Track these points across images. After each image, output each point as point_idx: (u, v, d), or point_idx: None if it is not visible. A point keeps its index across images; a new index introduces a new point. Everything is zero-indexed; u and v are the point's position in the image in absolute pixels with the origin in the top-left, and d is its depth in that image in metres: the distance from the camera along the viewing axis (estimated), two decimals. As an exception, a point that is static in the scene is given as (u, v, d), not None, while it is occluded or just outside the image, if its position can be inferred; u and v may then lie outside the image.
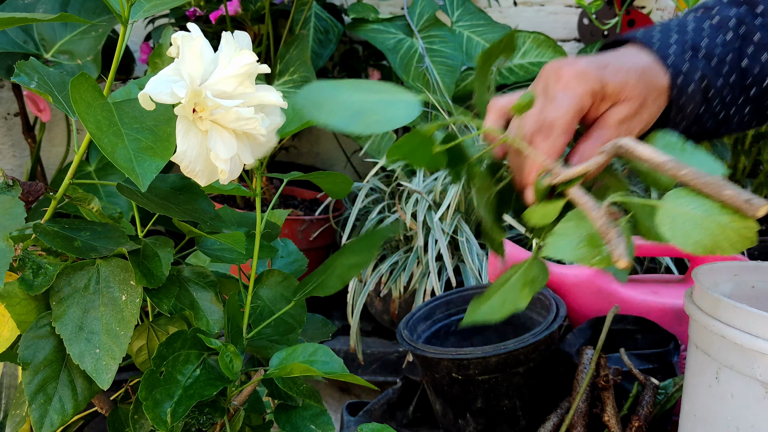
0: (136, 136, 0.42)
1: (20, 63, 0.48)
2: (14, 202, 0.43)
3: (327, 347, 0.52)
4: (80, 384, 0.50)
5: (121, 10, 0.46)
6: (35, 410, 0.48)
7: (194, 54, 0.42)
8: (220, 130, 0.44)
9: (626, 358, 0.79)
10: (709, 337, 0.59)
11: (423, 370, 0.83)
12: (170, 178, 0.54)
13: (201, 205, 0.54)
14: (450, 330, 0.93)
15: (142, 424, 0.52)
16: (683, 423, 0.65)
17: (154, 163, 0.42)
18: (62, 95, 0.49)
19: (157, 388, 0.48)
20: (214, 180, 0.45)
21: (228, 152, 0.44)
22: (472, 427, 0.81)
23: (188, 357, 0.50)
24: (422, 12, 1.50)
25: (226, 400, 0.53)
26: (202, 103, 0.42)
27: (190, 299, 0.54)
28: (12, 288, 0.49)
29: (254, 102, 0.45)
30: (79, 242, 0.49)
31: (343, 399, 1.35)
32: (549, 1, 1.70)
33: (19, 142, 1.58)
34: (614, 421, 0.74)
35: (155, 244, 0.53)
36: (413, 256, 1.13)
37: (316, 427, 0.58)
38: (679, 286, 0.95)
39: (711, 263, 0.67)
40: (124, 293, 0.49)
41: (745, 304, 0.55)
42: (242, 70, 0.44)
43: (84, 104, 0.42)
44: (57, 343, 0.49)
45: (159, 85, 0.42)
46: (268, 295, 0.62)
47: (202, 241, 0.59)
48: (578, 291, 0.95)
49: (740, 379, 0.56)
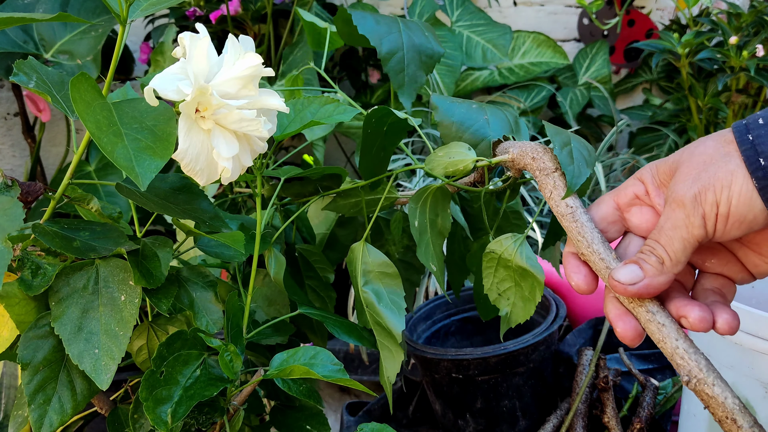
0: (135, 135, 0.42)
1: (19, 62, 0.48)
2: (13, 203, 0.43)
3: (327, 350, 0.52)
4: (79, 384, 0.50)
5: (119, 9, 0.46)
6: (34, 410, 0.48)
7: (201, 54, 0.42)
8: (222, 131, 0.44)
9: (626, 358, 0.79)
10: (709, 337, 0.59)
11: (423, 371, 0.83)
12: (170, 178, 0.54)
13: (200, 204, 0.54)
14: (450, 330, 0.93)
15: (142, 423, 0.52)
16: (683, 423, 0.65)
17: (153, 162, 0.42)
18: (61, 95, 0.49)
19: (157, 389, 0.48)
20: (213, 180, 0.45)
21: (230, 152, 0.44)
22: (471, 428, 0.81)
23: (188, 357, 0.50)
24: (422, 12, 1.50)
25: (225, 400, 0.53)
26: (207, 102, 0.42)
27: (189, 299, 0.54)
28: (11, 288, 0.49)
29: (257, 105, 0.45)
30: (78, 242, 0.49)
31: (343, 399, 1.35)
32: (549, 1, 1.70)
33: (18, 142, 1.58)
34: (614, 422, 0.74)
35: (154, 244, 0.53)
36: (413, 256, 1.13)
37: (311, 428, 0.58)
38: (679, 287, 0.95)
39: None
40: (123, 293, 0.49)
41: (745, 305, 0.55)
42: (247, 72, 0.44)
43: (84, 104, 0.42)
44: (56, 343, 0.49)
45: (165, 82, 0.42)
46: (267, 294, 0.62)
47: (200, 240, 0.59)
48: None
49: (740, 379, 0.56)
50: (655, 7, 1.66)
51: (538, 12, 1.71)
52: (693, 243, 0.40)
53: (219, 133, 0.44)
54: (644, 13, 1.64)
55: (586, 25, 1.69)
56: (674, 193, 0.41)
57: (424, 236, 0.54)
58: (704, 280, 0.44)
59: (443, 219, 0.55)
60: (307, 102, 0.58)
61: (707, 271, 0.45)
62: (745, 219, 0.39)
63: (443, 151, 0.52)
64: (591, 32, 1.69)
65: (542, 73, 1.60)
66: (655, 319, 0.40)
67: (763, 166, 0.37)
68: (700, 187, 0.39)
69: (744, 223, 0.39)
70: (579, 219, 0.44)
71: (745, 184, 0.38)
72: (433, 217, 0.55)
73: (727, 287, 0.44)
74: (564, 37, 1.72)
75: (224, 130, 0.44)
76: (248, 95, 0.45)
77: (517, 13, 1.70)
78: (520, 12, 1.71)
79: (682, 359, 0.40)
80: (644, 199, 0.44)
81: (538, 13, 1.71)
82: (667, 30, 1.48)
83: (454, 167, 0.51)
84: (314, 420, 0.58)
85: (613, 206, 0.45)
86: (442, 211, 0.55)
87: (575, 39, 1.72)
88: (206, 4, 1.35)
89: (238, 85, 0.44)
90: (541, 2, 1.71)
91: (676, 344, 0.40)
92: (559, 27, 1.71)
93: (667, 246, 0.41)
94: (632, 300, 0.41)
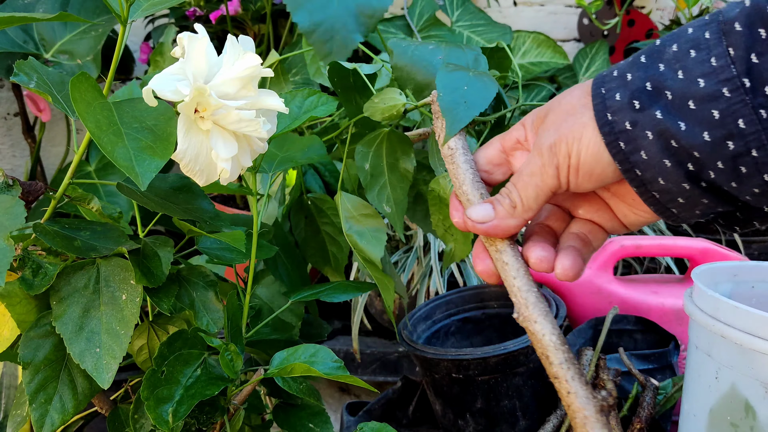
0: (135, 135, 0.42)
1: (19, 63, 0.48)
2: (14, 202, 0.43)
3: (327, 348, 0.52)
4: (80, 383, 0.50)
5: (120, 9, 0.46)
6: (36, 410, 0.48)
7: (200, 54, 0.42)
8: (221, 131, 0.44)
9: (626, 358, 0.79)
10: (709, 338, 0.59)
11: (423, 371, 0.83)
12: (170, 178, 0.54)
13: (201, 204, 0.54)
14: (450, 330, 0.93)
15: (143, 423, 0.52)
16: (683, 423, 0.65)
17: (153, 162, 0.42)
18: (62, 95, 0.49)
19: (159, 388, 0.48)
20: (212, 180, 0.45)
21: (229, 152, 0.44)
22: (471, 428, 0.81)
23: (189, 357, 0.50)
24: (422, 12, 1.50)
25: (226, 400, 0.53)
26: (205, 102, 0.42)
27: (190, 299, 0.54)
28: (12, 287, 0.49)
29: (257, 105, 0.45)
30: (79, 242, 0.49)
31: (343, 399, 1.35)
32: (549, 1, 1.70)
33: (18, 142, 1.58)
34: (614, 422, 0.74)
35: (155, 243, 0.53)
36: (413, 255, 1.13)
37: (314, 426, 0.58)
38: (679, 286, 0.95)
39: (711, 263, 0.67)
40: (124, 292, 0.49)
41: (745, 305, 0.55)
42: (246, 72, 0.44)
43: (84, 104, 0.42)
44: (57, 342, 0.49)
45: (163, 82, 0.42)
46: (266, 294, 0.63)
47: (202, 241, 0.59)
48: (578, 291, 0.95)
49: (740, 380, 0.56)
50: (655, 7, 1.66)
51: (538, 12, 1.71)
52: (546, 192, 0.41)
53: (218, 134, 0.44)
54: (644, 13, 1.64)
55: (586, 25, 1.69)
56: (537, 141, 0.42)
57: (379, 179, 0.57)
58: (574, 225, 0.46)
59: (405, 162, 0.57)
60: (290, 96, 0.58)
61: (579, 217, 0.46)
62: (594, 172, 0.39)
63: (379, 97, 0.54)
64: (591, 32, 1.69)
65: (542, 73, 1.60)
66: (501, 257, 0.43)
67: (610, 121, 0.38)
68: (556, 137, 0.40)
69: (594, 176, 0.40)
70: (456, 161, 0.45)
71: (594, 137, 0.38)
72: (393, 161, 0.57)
73: (594, 233, 0.45)
74: (564, 37, 1.72)
75: (223, 130, 0.44)
76: (247, 96, 0.45)
77: (517, 13, 1.70)
78: (520, 12, 1.71)
79: (515, 297, 0.42)
80: (524, 144, 0.45)
81: (538, 13, 1.71)
82: (667, 30, 1.48)
83: (389, 112, 0.53)
84: (317, 418, 0.58)
85: (499, 149, 0.46)
86: (402, 155, 0.57)
87: (575, 39, 1.72)
88: (206, 4, 1.35)
89: (237, 85, 0.44)
90: (541, 2, 1.71)
91: (513, 282, 0.42)
92: (559, 27, 1.71)
93: (521, 191, 0.42)
94: (487, 239, 0.43)
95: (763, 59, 0.34)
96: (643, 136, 0.37)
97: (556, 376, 0.40)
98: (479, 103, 0.48)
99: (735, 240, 1.26)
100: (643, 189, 0.39)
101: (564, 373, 0.40)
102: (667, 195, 0.38)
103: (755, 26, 0.34)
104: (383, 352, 1.19)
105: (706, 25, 0.36)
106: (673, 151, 0.36)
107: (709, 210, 0.39)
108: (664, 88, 0.36)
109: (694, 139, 0.35)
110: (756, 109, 0.34)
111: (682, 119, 0.36)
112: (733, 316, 0.55)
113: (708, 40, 0.35)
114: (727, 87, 0.34)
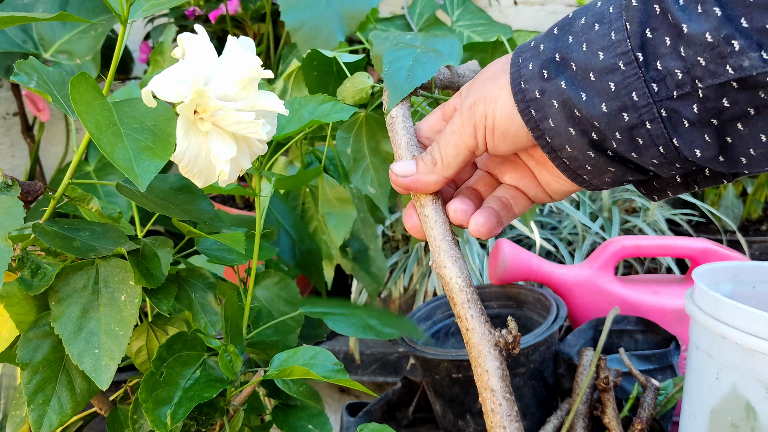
0: (135, 135, 0.42)
1: (19, 62, 0.48)
2: (13, 202, 0.43)
3: (327, 351, 0.52)
4: (79, 384, 0.49)
5: (120, 9, 0.45)
6: (34, 410, 0.48)
7: (199, 55, 0.42)
8: (221, 132, 0.44)
9: (626, 358, 0.79)
10: (710, 338, 0.58)
11: (423, 371, 0.83)
12: (170, 178, 0.54)
13: (200, 205, 0.54)
14: (450, 331, 0.92)
15: (142, 424, 0.52)
16: (684, 423, 0.65)
17: (153, 162, 0.41)
18: (61, 95, 0.48)
19: (157, 390, 0.47)
20: (211, 181, 0.45)
21: (228, 154, 0.44)
22: (472, 428, 0.81)
23: (188, 358, 0.50)
24: (422, 12, 1.50)
25: (225, 401, 0.53)
26: (205, 103, 0.42)
27: (188, 300, 0.54)
28: (11, 288, 0.49)
29: (256, 107, 0.45)
30: (78, 242, 0.49)
31: (343, 400, 1.35)
32: (549, 1, 1.70)
33: (18, 141, 1.58)
34: (615, 423, 0.74)
35: (154, 244, 0.53)
36: (413, 256, 1.13)
37: (313, 427, 0.58)
38: (680, 286, 0.95)
39: (712, 263, 0.67)
40: (123, 293, 0.49)
41: (746, 305, 0.55)
42: (245, 74, 0.44)
43: (83, 104, 0.42)
44: (56, 343, 0.48)
45: (163, 83, 0.41)
46: (265, 296, 0.62)
47: (201, 242, 0.59)
48: (579, 291, 0.95)
49: (741, 380, 0.55)
50: (655, 7, 1.66)
51: (538, 11, 1.71)
52: (465, 151, 0.43)
53: (217, 135, 0.44)
54: (644, 13, 1.64)
55: (586, 25, 1.69)
56: (461, 102, 0.44)
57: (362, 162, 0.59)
58: (499, 189, 0.48)
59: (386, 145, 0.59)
60: (305, 101, 0.58)
61: (505, 183, 0.48)
62: (509, 133, 0.41)
63: (350, 81, 0.57)
64: (591, 32, 1.69)
65: (542, 73, 1.60)
66: (423, 211, 0.45)
67: (522, 89, 0.39)
68: (476, 98, 0.42)
69: (508, 138, 0.41)
70: (395, 128, 0.48)
71: (508, 99, 0.40)
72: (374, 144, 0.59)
73: (517, 199, 0.47)
74: (564, 36, 1.72)
75: (222, 132, 0.44)
76: (247, 97, 0.45)
77: (518, 13, 1.70)
78: (521, 11, 1.71)
79: (431, 246, 0.44)
80: None
81: (539, 12, 1.71)
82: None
83: (360, 95, 0.56)
84: (316, 420, 0.58)
85: (440, 116, 0.48)
86: (383, 138, 0.59)
87: (575, 39, 1.72)
88: (206, 3, 1.35)
89: (236, 86, 0.44)
90: (542, 2, 1.71)
91: (431, 233, 0.45)
92: (559, 27, 1.71)
93: (442, 149, 0.44)
94: (414, 195, 0.46)
95: (657, 34, 0.35)
96: (550, 105, 0.38)
97: (459, 315, 0.43)
98: (421, 75, 0.50)
99: (738, 240, 1.26)
100: (554, 155, 0.41)
101: (465, 312, 0.42)
102: (575, 162, 0.40)
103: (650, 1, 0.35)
104: (383, 353, 1.19)
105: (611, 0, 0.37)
106: (576, 120, 0.38)
107: (619, 178, 0.41)
108: (569, 59, 0.38)
109: (594, 109, 0.37)
110: (648, 83, 0.35)
111: (583, 90, 0.37)
112: (734, 317, 0.55)
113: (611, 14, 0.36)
114: (623, 60, 0.36)
